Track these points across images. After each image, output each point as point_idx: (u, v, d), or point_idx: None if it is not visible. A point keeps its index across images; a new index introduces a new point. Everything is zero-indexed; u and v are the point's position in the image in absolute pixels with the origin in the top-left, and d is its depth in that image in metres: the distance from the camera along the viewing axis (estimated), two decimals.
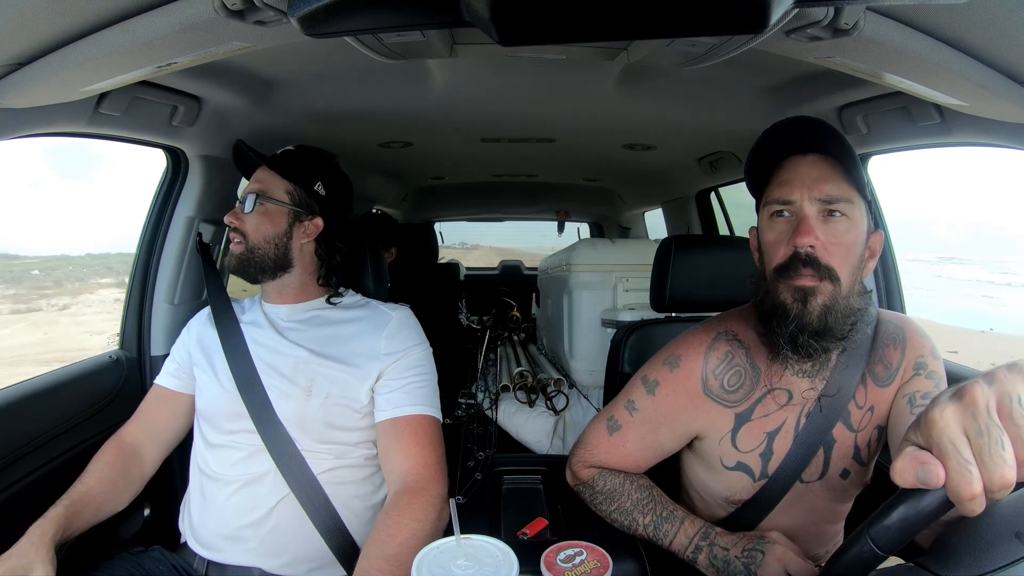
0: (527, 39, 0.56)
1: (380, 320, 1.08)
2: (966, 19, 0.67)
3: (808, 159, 0.80)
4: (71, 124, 1.03)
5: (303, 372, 1.02)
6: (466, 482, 1.06)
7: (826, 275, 0.77)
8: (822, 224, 0.78)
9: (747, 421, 0.88)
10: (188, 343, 1.14)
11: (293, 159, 1.10)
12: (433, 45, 0.84)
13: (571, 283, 2.21)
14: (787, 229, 0.79)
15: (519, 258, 4.48)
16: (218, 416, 1.03)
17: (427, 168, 2.73)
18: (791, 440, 0.87)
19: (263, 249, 1.04)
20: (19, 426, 1.06)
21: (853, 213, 0.78)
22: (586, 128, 1.82)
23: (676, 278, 1.26)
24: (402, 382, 1.02)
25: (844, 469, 0.88)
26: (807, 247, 0.76)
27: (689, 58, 0.83)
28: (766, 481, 0.88)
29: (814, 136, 0.79)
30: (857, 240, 0.79)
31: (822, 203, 0.78)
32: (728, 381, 0.88)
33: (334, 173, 1.13)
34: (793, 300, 0.78)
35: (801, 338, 0.78)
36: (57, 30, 0.69)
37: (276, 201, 1.05)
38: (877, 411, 0.87)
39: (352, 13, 0.52)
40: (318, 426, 1.00)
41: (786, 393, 0.87)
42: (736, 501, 0.91)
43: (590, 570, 0.70)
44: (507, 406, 2.21)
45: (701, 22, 0.53)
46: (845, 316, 0.78)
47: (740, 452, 0.88)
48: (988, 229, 24.20)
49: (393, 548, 0.84)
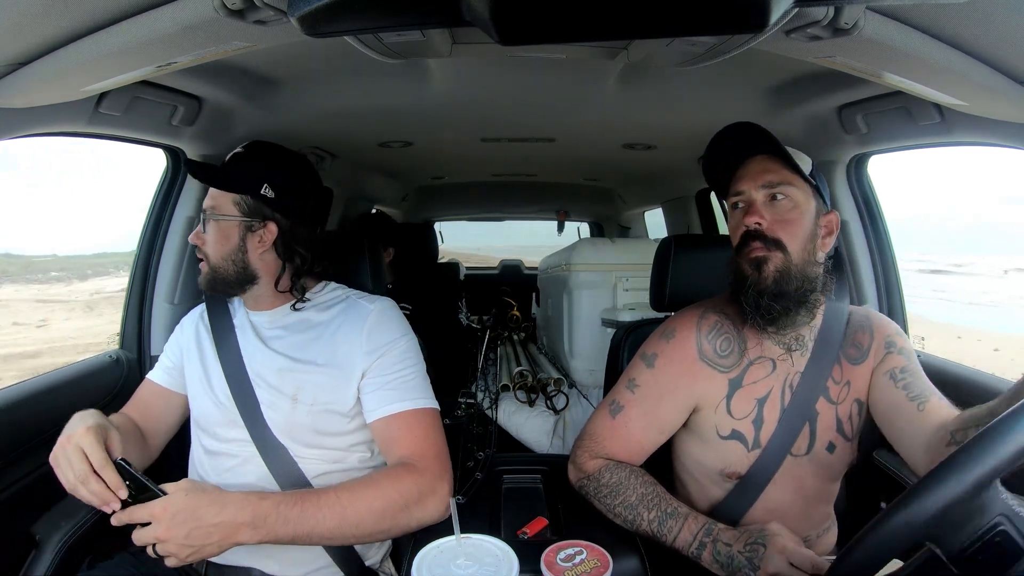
0: (527, 39, 0.56)
1: (359, 315, 1.03)
2: (966, 19, 0.67)
3: (755, 159, 0.95)
4: (71, 124, 1.03)
5: (289, 380, 0.99)
6: (466, 482, 1.06)
7: (774, 246, 0.90)
8: (769, 206, 0.92)
9: (739, 387, 0.97)
10: (182, 342, 1.11)
11: (234, 167, 1.03)
12: (433, 44, 0.84)
13: (571, 282, 2.21)
14: (741, 214, 0.94)
15: (519, 257, 4.48)
16: (213, 424, 1.02)
17: (427, 168, 2.73)
18: (779, 410, 0.96)
19: (223, 267, 1.01)
20: (19, 426, 1.06)
21: (795, 195, 0.92)
22: (586, 128, 1.82)
23: (676, 278, 1.26)
24: (388, 378, 0.99)
25: (830, 442, 0.97)
26: (755, 224, 0.91)
27: (689, 57, 0.83)
28: (759, 452, 0.96)
29: (757, 141, 0.94)
30: (802, 217, 0.92)
31: (766, 188, 0.92)
32: (720, 346, 0.99)
33: (282, 170, 1.04)
34: (750, 270, 0.92)
35: (762, 301, 0.91)
36: (57, 30, 0.69)
37: (225, 216, 1.00)
38: (853, 386, 0.97)
39: (352, 13, 0.52)
40: (307, 433, 0.99)
41: (770, 362, 0.97)
42: (731, 475, 0.97)
43: (590, 569, 0.71)
44: (507, 406, 2.22)
45: (701, 21, 0.53)
46: (800, 282, 0.91)
47: (734, 419, 0.97)
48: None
49: (356, 510, 0.87)
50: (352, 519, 0.86)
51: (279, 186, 1.02)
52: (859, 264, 1.46)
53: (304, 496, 0.86)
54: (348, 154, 2.10)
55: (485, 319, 3.16)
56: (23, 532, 1.03)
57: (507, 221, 4.23)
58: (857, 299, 1.46)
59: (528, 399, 2.21)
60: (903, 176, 9.98)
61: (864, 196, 1.48)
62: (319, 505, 0.85)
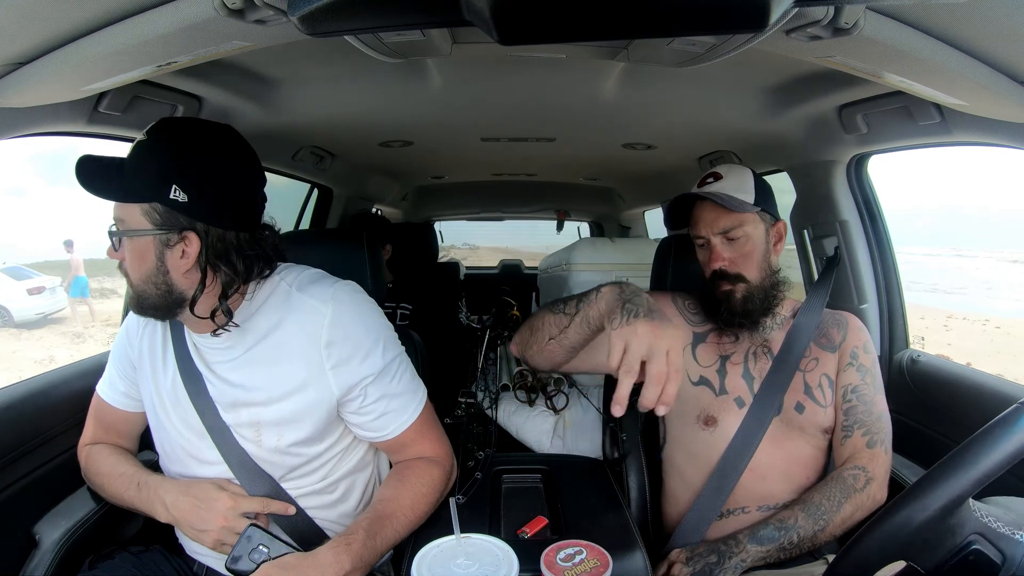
0: (527, 38, 0.56)
1: (310, 324, 0.86)
2: (966, 19, 0.67)
3: (706, 203, 1.09)
4: (71, 123, 1.02)
5: (244, 414, 0.89)
6: (466, 481, 1.06)
7: (737, 280, 1.08)
8: (726, 246, 1.08)
9: (703, 341, 1.15)
10: (131, 355, 0.97)
11: (133, 165, 0.80)
12: (433, 44, 0.84)
13: (571, 282, 2.20)
14: (706, 254, 1.11)
15: (519, 257, 4.49)
16: (186, 461, 0.94)
17: (427, 167, 2.73)
18: (741, 366, 1.12)
19: (146, 291, 0.83)
20: (19, 426, 1.06)
21: (747, 230, 1.08)
22: (586, 128, 1.82)
23: (676, 278, 1.26)
24: (384, 402, 0.90)
25: (798, 403, 1.08)
26: (719, 267, 1.08)
27: (689, 57, 0.83)
28: (727, 399, 1.10)
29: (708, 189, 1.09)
30: (756, 247, 1.08)
31: (722, 234, 1.07)
32: (689, 306, 1.19)
33: (194, 162, 0.80)
34: (722, 299, 1.09)
35: (734, 319, 1.09)
36: (57, 30, 0.69)
37: (134, 231, 0.80)
38: (822, 363, 1.11)
39: (352, 12, 0.52)
40: (281, 469, 0.92)
41: (732, 334, 1.13)
42: (707, 420, 1.10)
43: (590, 569, 0.71)
44: (507, 405, 2.22)
45: (701, 21, 0.53)
46: (763, 299, 1.10)
47: (701, 367, 1.13)
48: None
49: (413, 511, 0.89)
50: (410, 526, 0.89)
51: (192, 185, 0.79)
52: (859, 264, 1.46)
53: (376, 521, 0.86)
54: (348, 154, 2.10)
55: (485, 319, 3.15)
56: (23, 532, 1.03)
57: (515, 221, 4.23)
58: (857, 299, 1.46)
59: (528, 399, 2.21)
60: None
61: (864, 196, 1.48)
62: (389, 524, 0.87)
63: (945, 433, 1.26)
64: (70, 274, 9.99)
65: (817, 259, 1.57)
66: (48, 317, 10.12)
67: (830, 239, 1.49)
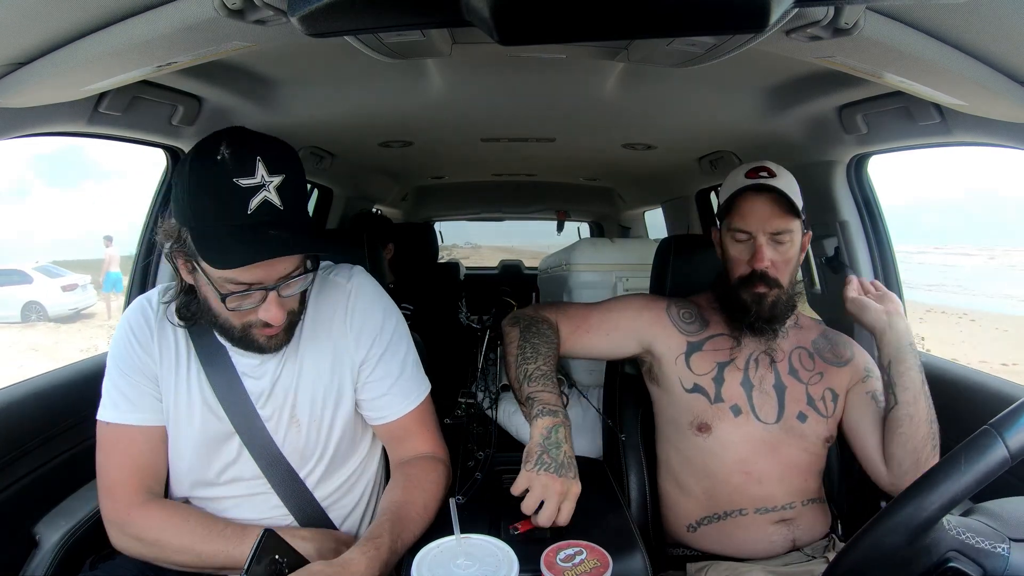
0: (527, 39, 0.56)
1: (337, 295, 0.94)
2: (966, 19, 0.67)
3: (764, 198, 1.02)
4: (71, 124, 1.03)
5: (283, 400, 0.92)
6: (466, 481, 1.06)
7: (774, 285, 1.04)
8: (772, 248, 1.03)
9: (698, 350, 1.11)
10: (149, 365, 0.90)
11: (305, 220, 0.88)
12: (433, 44, 0.84)
13: (571, 282, 2.20)
14: (746, 250, 1.05)
15: (522, 256, 4.49)
16: (202, 472, 0.92)
17: (427, 167, 2.73)
18: (741, 373, 1.08)
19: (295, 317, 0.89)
20: (19, 426, 1.06)
21: (793, 236, 1.04)
22: (586, 128, 1.82)
23: (676, 278, 1.26)
24: (389, 380, 0.94)
25: (800, 412, 1.07)
26: (762, 268, 1.03)
27: (689, 57, 0.83)
28: (724, 407, 1.07)
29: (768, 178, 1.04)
30: (796, 253, 1.06)
31: (772, 234, 1.03)
32: (683, 316, 1.14)
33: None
34: (752, 301, 1.05)
35: (757, 324, 1.06)
36: (57, 30, 0.69)
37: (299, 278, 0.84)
38: (826, 378, 1.10)
39: (352, 13, 0.52)
40: (307, 460, 0.94)
41: (733, 339, 1.10)
42: (700, 427, 1.08)
43: (590, 569, 0.70)
44: (507, 406, 2.21)
45: (701, 21, 0.53)
46: (786, 307, 1.07)
47: (695, 375, 1.10)
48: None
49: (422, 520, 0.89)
50: (424, 528, 0.90)
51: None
52: (859, 264, 1.46)
53: (397, 523, 0.86)
54: (348, 154, 2.10)
55: (485, 319, 3.15)
56: (23, 532, 1.03)
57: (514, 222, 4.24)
58: None
59: None
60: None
61: (864, 196, 1.48)
62: (408, 528, 0.87)
63: (945, 433, 1.26)
64: (103, 269, 10.18)
65: (817, 259, 1.57)
66: (80, 312, 10.56)
67: (830, 239, 1.49)
